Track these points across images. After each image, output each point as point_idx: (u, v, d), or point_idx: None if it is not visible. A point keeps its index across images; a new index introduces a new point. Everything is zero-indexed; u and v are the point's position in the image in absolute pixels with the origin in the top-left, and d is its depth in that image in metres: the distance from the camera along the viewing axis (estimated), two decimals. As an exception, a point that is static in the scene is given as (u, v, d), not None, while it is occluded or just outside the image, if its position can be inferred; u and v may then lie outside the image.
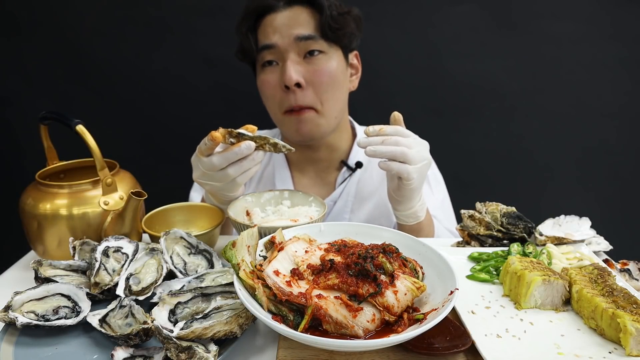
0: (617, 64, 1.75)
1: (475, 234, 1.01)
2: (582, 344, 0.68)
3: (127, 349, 0.67)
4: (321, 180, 1.39)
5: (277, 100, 1.23)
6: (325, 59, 1.21)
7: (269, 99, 1.25)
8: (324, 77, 1.20)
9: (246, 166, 0.93)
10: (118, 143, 1.52)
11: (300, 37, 1.17)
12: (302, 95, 1.19)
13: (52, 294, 0.78)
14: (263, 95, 1.28)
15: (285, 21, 1.18)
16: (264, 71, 1.23)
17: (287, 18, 1.18)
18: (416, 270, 0.73)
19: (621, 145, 1.86)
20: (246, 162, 0.92)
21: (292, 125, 1.24)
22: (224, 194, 1.00)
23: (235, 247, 0.70)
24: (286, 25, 1.18)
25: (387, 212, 1.35)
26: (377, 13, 1.70)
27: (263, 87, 1.25)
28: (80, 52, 1.78)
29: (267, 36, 1.19)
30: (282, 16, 1.19)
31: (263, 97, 1.29)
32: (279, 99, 1.22)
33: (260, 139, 0.92)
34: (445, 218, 1.34)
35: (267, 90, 1.24)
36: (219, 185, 0.96)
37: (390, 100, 1.81)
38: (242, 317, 0.70)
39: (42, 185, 0.95)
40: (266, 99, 1.27)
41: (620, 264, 0.92)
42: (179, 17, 1.74)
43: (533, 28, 1.72)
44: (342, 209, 1.36)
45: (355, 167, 1.36)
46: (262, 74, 1.24)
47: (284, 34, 1.18)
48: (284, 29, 1.18)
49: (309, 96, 1.20)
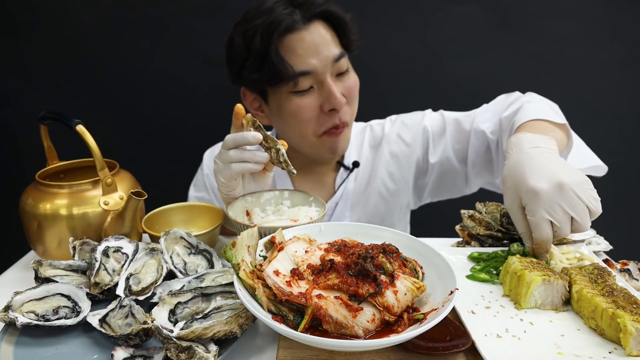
0: (618, 64, 1.76)
1: (475, 234, 1.00)
2: (582, 344, 0.68)
3: (127, 349, 0.67)
4: (321, 183, 1.39)
5: (312, 124, 1.19)
6: (351, 72, 1.21)
7: (305, 123, 1.18)
8: (354, 91, 1.21)
9: (246, 156, 0.93)
10: (118, 143, 1.52)
11: (336, 57, 1.14)
12: (342, 113, 1.19)
13: (52, 294, 0.78)
14: (294, 120, 1.18)
15: (315, 42, 1.11)
16: (298, 97, 1.15)
17: (315, 38, 1.12)
18: (416, 270, 0.73)
19: (621, 145, 1.86)
20: (247, 154, 0.93)
21: (330, 145, 1.22)
22: (220, 180, 0.99)
23: (235, 247, 0.70)
24: (317, 46, 1.11)
25: (383, 203, 1.36)
26: (376, 13, 1.70)
27: (299, 114, 1.16)
28: (80, 52, 1.78)
29: (302, 61, 1.11)
30: (309, 37, 1.11)
31: (293, 121, 1.19)
32: (316, 122, 1.18)
33: (271, 141, 0.94)
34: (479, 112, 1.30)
35: (305, 115, 1.17)
36: (221, 166, 0.97)
37: (389, 100, 1.81)
38: (242, 317, 0.70)
39: (42, 185, 0.95)
40: (300, 123, 1.19)
41: (620, 264, 0.92)
42: (178, 17, 1.74)
43: (533, 28, 1.72)
44: (343, 208, 1.37)
45: (352, 167, 1.37)
46: (297, 100, 1.15)
47: (319, 57, 1.12)
48: (316, 51, 1.11)
49: (347, 112, 1.20)
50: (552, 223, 0.81)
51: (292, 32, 1.11)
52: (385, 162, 1.37)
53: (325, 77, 1.14)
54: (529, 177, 0.83)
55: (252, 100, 1.27)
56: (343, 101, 1.15)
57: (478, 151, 1.27)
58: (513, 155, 0.91)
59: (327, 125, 1.18)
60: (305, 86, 1.14)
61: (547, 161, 0.86)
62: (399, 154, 1.37)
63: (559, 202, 0.80)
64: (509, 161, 0.91)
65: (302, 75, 1.12)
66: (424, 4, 1.70)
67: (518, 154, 0.90)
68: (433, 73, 1.78)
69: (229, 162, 0.94)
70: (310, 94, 1.16)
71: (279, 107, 1.19)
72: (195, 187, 1.44)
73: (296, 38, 1.11)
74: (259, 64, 1.13)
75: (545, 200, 0.80)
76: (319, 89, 1.16)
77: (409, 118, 1.40)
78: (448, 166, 1.33)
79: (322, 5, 1.14)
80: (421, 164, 1.37)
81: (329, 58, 1.13)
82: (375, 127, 1.43)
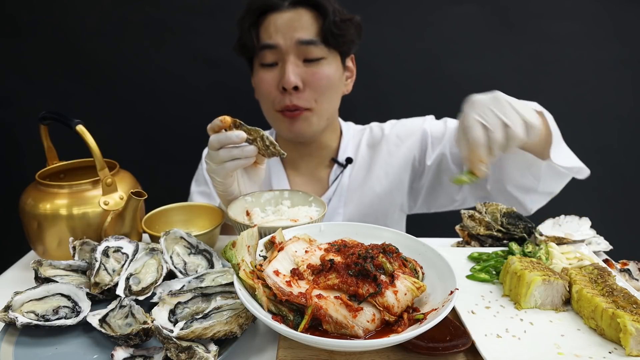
0: (618, 64, 1.75)
1: (475, 234, 1.01)
2: (582, 344, 0.68)
3: (127, 349, 0.67)
4: (314, 177, 1.42)
5: (271, 98, 1.25)
6: (324, 63, 1.22)
7: (264, 96, 1.27)
8: (322, 81, 1.22)
9: (235, 154, 0.96)
10: (118, 143, 1.52)
11: (303, 41, 1.18)
12: (298, 96, 1.21)
13: (52, 294, 0.78)
14: (258, 92, 1.30)
15: (288, 22, 1.18)
16: (262, 69, 1.24)
17: (290, 19, 1.18)
18: (416, 270, 0.73)
19: (621, 145, 1.86)
20: (236, 150, 0.96)
21: (285, 124, 1.27)
22: (215, 179, 1.01)
23: (235, 247, 0.70)
24: (289, 27, 1.18)
25: (377, 201, 1.38)
26: (375, 13, 1.70)
27: (260, 85, 1.26)
28: (80, 52, 1.78)
29: (269, 35, 1.19)
30: (286, 17, 1.18)
31: (257, 94, 1.31)
32: (274, 98, 1.24)
33: (254, 132, 0.96)
34: None
35: (264, 88, 1.25)
36: (213, 167, 0.98)
37: (389, 100, 1.81)
38: (242, 317, 0.70)
39: (42, 185, 0.95)
40: (260, 96, 1.30)
41: (620, 264, 0.92)
42: (179, 17, 1.74)
43: (533, 28, 1.72)
44: (337, 204, 1.38)
45: (345, 163, 1.39)
46: (261, 72, 1.24)
47: (286, 35, 1.18)
48: (287, 30, 1.18)
49: (305, 97, 1.22)
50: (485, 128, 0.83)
51: (273, 11, 1.19)
52: (383, 162, 1.38)
53: (287, 56, 1.19)
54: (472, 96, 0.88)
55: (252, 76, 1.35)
56: (294, 83, 1.18)
57: None
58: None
59: (280, 104, 1.23)
60: (268, 60, 1.22)
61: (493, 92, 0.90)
62: (397, 154, 1.38)
63: (491, 107, 0.84)
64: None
65: (265, 49, 1.20)
66: (424, 4, 1.70)
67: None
68: (433, 73, 1.78)
69: (221, 162, 0.96)
70: (272, 70, 1.22)
71: (254, 78, 1.30)
72: (197, 182, 1.46)
73: (275, 17, 1.19)
74: (240, 33, 1.25)
75: (478, 105, 0.85)
76: (281, 67, 1.21)
77: (409, 121, 1.43)
78: (444, 169, 1.34)
79: None
80: (417, 167, 1.39)
81: (294, 38, 1.18)
82: (375, 128, 1.45)
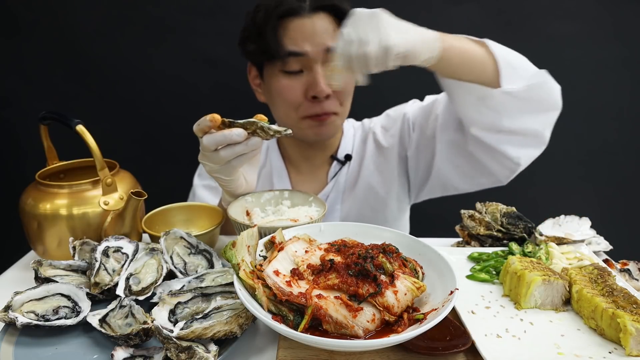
0: (618, 64, 1.75)
1: (475, 234, 1.01)
2: (582, 344, 0.68)
3: (127, 349, 0.67)
4: (315, 176, 1.41)
5: (295, 106, 1.21)
6: None
7: (286, 103, 1.22)
8: (348, 86, 1.22)
9: (239, 150, 0.92)
10: (118, 143, 1.52)
11: (330, 48, 1.14)
12: (327, 103, 1.20)
13: (52, 294, 0.78)
14: (280, 99, 1.23)
15: (314, 29, 1.15)
16: (284, 76, 1.19)
17: (315, 26, 1.15)
18: (416, 270, 0.73)
19: (621, 146, 1.86)
20: (239, 146, 0.91)
21: (312, 129, 1.24)
22: (221, 178, 0.99)
23: (235, 247, 0.70)
24: (316, 34, 1.15)
25: (372, 196, 1.37)
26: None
27: (282, 92, 1.21)
28: (80, 52, 1.78)
29: (294, 42, 1.15)
30: (310, 23, 1.15)
31: (279, 100, 1.23)
32: (299, 105, 1.21)
33: (250, 125, 0.91)
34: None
35: (288, 96, 1.20)
36: (215, 167, 0.96)
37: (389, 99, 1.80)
38: (242, 317, 0.70)
39: (42, 185, 0.95)
40: (281, 102, 1.23)
41: (620, 264, 0.92)
42: (179, 17, 1.74)
43: (533, 28, 1.72)
44: (334, 201, 1.38)
45: (345, 160, 1.39)
46: (283, 79, 1.19)
47: (313, 42, 1.14)
48: (313, 37, 1.14)
49: (332, 103, 1.21)
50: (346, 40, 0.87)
51: (295, 15, 1.15)
52: (372, 154, 1.38)
53: (316, 64, 1.16)
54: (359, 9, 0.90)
55: (255, 77, 1.32)
56: (327, 91, 1.17)
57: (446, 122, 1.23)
58: None
59: (309, 112, 1.21)
60: (294, 67, 1.17)
61: None
62: (384, 144, 1.37)
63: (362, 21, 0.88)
64: None
65: (292, 56, 1.15)
66: (424, 4, 1.70)
67: None
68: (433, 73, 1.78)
69: (225, 161, 0.93)
70: (298, 77, 1.19)
71: (269, 84, 1.24)
72: (200, 177, 1.45)
73: (298, 22, 1.15)
74: (257, 38, 1.18)
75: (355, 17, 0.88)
76: (307, 74, 1.18)
77: (393, 110, 1.43)
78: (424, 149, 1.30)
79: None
80: (405, 154, 1.37)
81: (322, 46, 1.15)
82: (366, 122, 1.46)
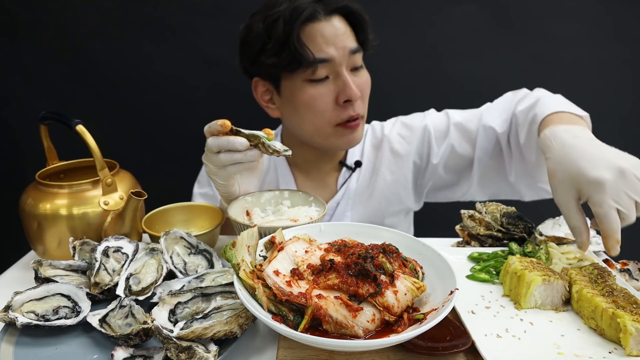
0: (618, 64, 1.75)
1: (475, 234, 1.00)
2: (582, 344, 0.68)
3: (127, 349, 0.67)
4: (323, 183, 1.39)
5: (328, 114, 1.18)
6: (364, 69, 1.23)
7: (320, 113, 1.18)
8: (367, 88, 1.23)
9: (238, 158, 0.93)
10: (118, 143, 1.52)
11: (352, 50, 1.16)
12: (357, 106, 1.19)
13: (52, 294, 0.78)
14: (309, 111, 1.18)
15: (335, 33, 1.14)
16: (312, 86, 1.16)
17: (335, 29, 1.14)
18: (416, 270, 0.73)
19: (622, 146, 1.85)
20: (238, 154, 0.93)
21: (345, 136, 1.22)
22: (217, 181, 1.00)
23: (235, 247, 0.70)
24: (337, 37, 1.13)
25: (385, 203, 1.37)
26: (376, 13, 1.70)
27: (314, 102, 1.16)
28: (80, 52, 1.78)
29: (319, 48, 1.12)
30: (330, 27, 1.14)
31: (307, 112, 1.19)
32: (331, 113, 1.18)
33: (254, 138, 0.93)
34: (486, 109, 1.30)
35: (321, 105, 1.17)
36: (214, 169, 0.97)
37: (389, 100, 1.81)
38: (242, 317, 0.70)
39: (42, 185, 0.95)
40: (311, 114, 1.18)
41: (620, 264, 0.92)
42: (179, 17, 1.74)
43: (533, 28, 1.72)
44: (344, 208, 1.37)
45: (354, 167, 1.37)
46: (310, 89, 1.16)
47: (337, 46, 1.13)
48: (335, 41, 1.13)
49: (360, 106, 1.21)
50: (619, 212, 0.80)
51: (313, 21, 1.13)
52: (387, 162, 1.37)
53: (341, 68, 1.15)
54: (586, 168, 0.82)
55: (264, 92, 1.28)
56: (359, 93, 1.16)
57: (486, 149, 1.26)
58: (556, 149, 0.90)
59: (342, 117, 1.18)
60: (321, 75, 1.15)
61: (597, 150, 0.86)
62: (401, 152, 1.36)
63: (624, 189, 0.79)
64: (554, 154, 0.89)
65: (321, 63, 1.13)
66: (424, 4, 1.70)
67: (562, 146, 0.89)
68: (433, 73, 1.78)
69: (222, 166, 0.94)
70: (324, 84, 1.16)
71: (291, 97, 1.19)
72: (199, 184, 1.45)
73: (317, 27, 1.13)
74: (279, 49, 1.13)
75: (611, 190, 0.79)
76: (334, 79, 1.17)
77: (409, 118, 1.41)
78: (453, 166, 1.33)
79: (344, 1, 1.16)
80: (421, 164, 1.37)
81: (346, 49, 1.15)
82: (376, 127, 1.43)
